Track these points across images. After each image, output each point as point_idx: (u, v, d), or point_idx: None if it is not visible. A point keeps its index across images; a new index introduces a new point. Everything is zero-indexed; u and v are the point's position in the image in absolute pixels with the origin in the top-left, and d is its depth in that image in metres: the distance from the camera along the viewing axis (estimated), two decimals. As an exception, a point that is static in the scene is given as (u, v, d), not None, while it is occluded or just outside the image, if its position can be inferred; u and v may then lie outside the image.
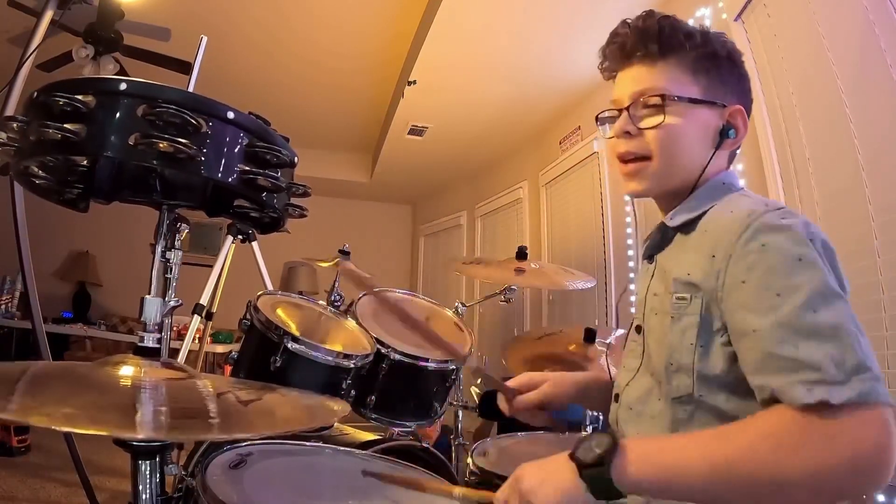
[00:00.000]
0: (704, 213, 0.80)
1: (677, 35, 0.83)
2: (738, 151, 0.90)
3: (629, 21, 0.88)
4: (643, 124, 0.83)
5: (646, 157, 0.84)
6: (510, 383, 0.96)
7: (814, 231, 0.68)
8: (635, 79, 0.85)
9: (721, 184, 0.83)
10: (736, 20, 2.14)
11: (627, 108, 0.84)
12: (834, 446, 0.56)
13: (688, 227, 0.82)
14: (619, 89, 0.88)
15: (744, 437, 0.61)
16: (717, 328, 0.72)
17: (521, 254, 2.25)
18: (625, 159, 0.86)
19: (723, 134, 0.82)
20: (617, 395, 0.88)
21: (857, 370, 0.58)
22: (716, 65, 0.84)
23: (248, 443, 1.07)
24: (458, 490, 0.78)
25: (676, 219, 0.83)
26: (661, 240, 0.87)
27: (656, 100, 0.82)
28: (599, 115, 0.93)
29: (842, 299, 0.64)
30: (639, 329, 0.87)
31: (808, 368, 0.59)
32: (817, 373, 0.58)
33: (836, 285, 0.64)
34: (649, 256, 0.90)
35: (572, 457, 0.66)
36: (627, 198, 3.12)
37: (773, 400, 0.62)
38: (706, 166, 0.82)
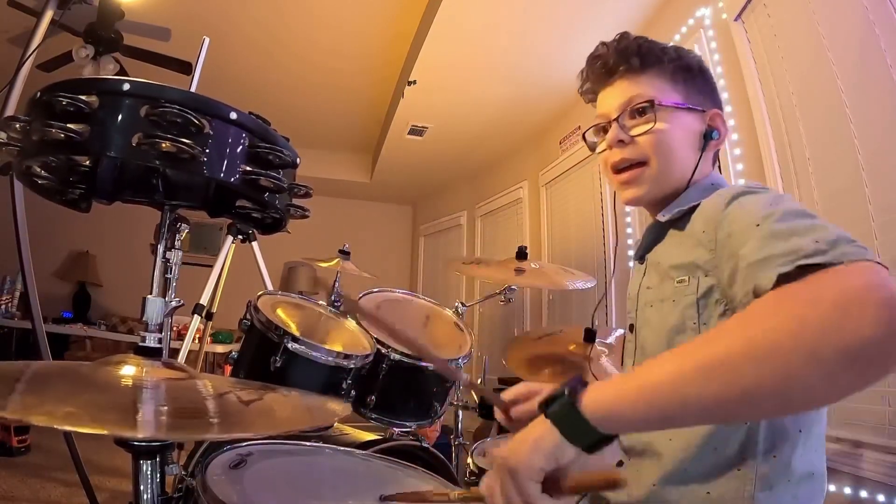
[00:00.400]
0: (696, 207, 0.82)
1: (654, 50, 0.88)
2: (718, 153, 0.95)
3: (606, 42, 0.92)
4: (634, 132, 0.86)
5: (642, 163, 0.87)
6: (506, 395, 0.89)
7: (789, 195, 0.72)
8: (621, 92, 0.89)
9: (710, 184, 0.87)
10: (736, 20, 2.15)
11: (617, 119, 0.88)
12: (816, 295, 0.50)
13: (680, 221, 0.84)
14: (604, 105, 0.91)
15: (713, 331, 0.55)
16: (715, 300, 0.73)
17: (521, 254, 2.25)
18: (620, 168, 0.89)
19: (707, 137, 0.87)
20: None
21: (840, 240, 0.55)
22: (691, 75, 0.89)
23: (249, 443, 1.07)
24: (454, 493, 0.77)
25: (668, 213, 0.85)
26: (653, 239, 0.89)
27: (646, 105, 0.86)
28: (585, 134, 0.97)
29: (819, 217, 0.61)
30: (632, 328, 0.89)
31: (787, 253, 0.56)
32: (798, 251, 0.55)
33: (811, 212, 0.64)
34: (640, 257, 0.93)
35: (540, 404, 0.62)
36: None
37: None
38: (696, 168, 0.86)
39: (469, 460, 1.57)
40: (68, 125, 0.68)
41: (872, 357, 0.45)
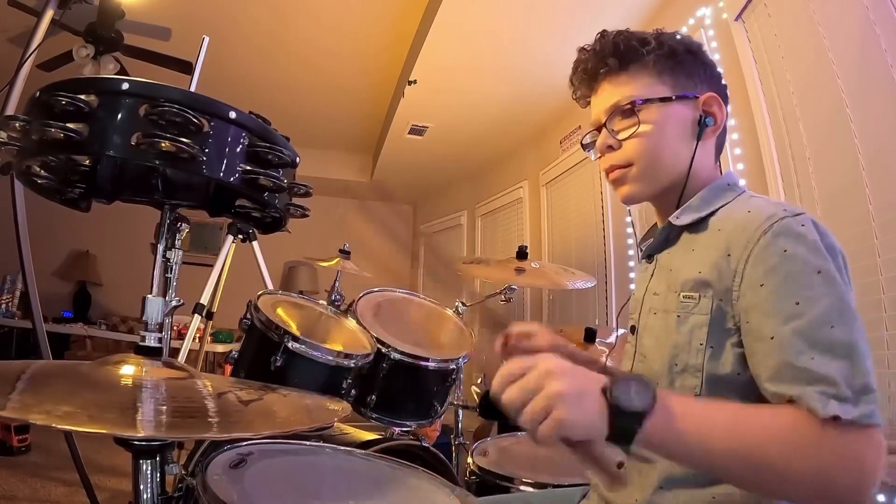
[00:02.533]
0: (714, 212, 0.80)
1: (632, 45, 0.85)
2: (724, 142, 0.90)
3: (586, 46, 0.90)
4: (621, 135, 0.85)
5: (629, 165, 0.86)
6: (517, 327, 0.88)
7: (833, 243, 0.69)
8: (606, 96, 0.88)
9: (726, 185, 0.84)
10: (736, 20, 2.14)
11: (605, 125, 0.87)
12: (843, 459, 0.59)
13: (697, 225, 0.81)
14: (595, 111, 0.91)
15: (767, 425, 0.62)
16: (728, 327, 0.71)
17: (522, 253, 2.25)
18: (611, 171, 0.88)
19: (701, 124, 0.83)
20: None
21: (865, 391, 0.61)
22: (678, 61, 0.85)
23: (249, 442, 1.07)
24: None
25: (684, 217, 0.82)
26: (664, 240, 0.86)
27: (627, 107, 0.84)
28: (583, 142, 0.96)
29: (856, 317, 0.65)
30: (633, 329, 0.87)
31: (823, 382, 0.61)
32: (832, 387, 0.61)
33: (852, 302, 0.66)
34: (649, 256, 0.90)
35: (607, 395, 0.60)
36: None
37: (788, 402, 0.63)
38: (693, 158, 0.83)
39: (469, 460, 1.57)
40: (67, 125, 0.68)
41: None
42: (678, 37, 0.88)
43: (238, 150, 0.77)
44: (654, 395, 0.60)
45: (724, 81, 0.89)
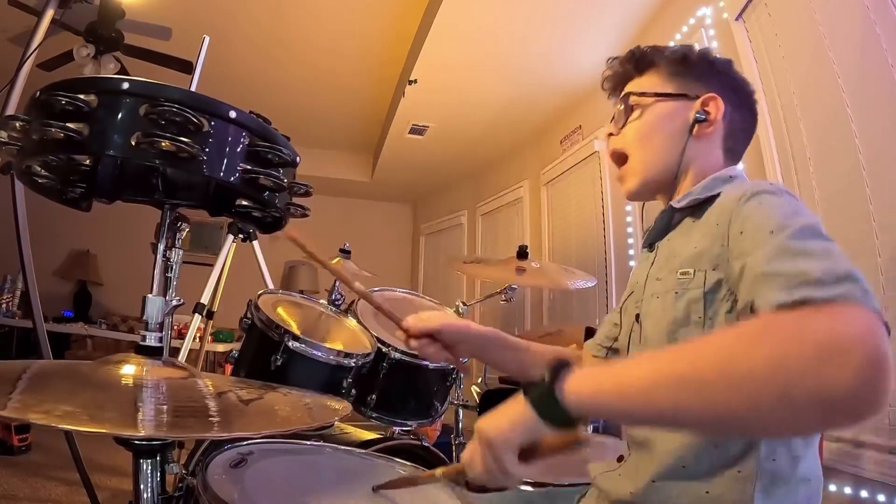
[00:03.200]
0: (713, 198, 0.82)
1: (650, 53, 0.94)
2: (738, 142, 0.93)
3: (614, 58, 0.99)
4: (622, 125, 0.94)
5: (625, 155, 0.94)
6: (419, 323, 1.04)
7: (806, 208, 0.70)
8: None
9: (728, 176, 0.87)
10: (737, 19, 2.14)
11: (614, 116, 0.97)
12: (803, 333, 0.48)
13: (696, 210, 0.84)
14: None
15: (696, 343, 0.55)
16: (722, 296, 0.72)
17: (522, 253, 2.25)
18: (613, 159, 0.97)
19: (695, 122, 0.88)
20: None
21: (847, 277, 0.53)
22: (688, 66, 0.91)
23: (249, 442, 1.07)
24: (438, 471, 0.80)
25: (684, 201, 0.86)
26: (665, 225, 0.89)
27: (626, 98, 0.93)
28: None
29: (834, 243, 0.61)
30: (637, 317, 0.88)
31: (793, 276, 0.55)
32: (803, 277, 0.54)
33: (827, 234, 0.63)
34: (650, 244, 0.93)
35: (522, 386, 0.66)
36: (628, 197, 3.12)
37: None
38: (683, 152, 0.88)
39: (469, 459, 1.57)
40: (67, 124, 0.68)
41: (843, 409, 0.45)
42: (692, 48, 0.94)
43: (238, 149, 0.77)
44: (558, 363, 0.63)
45: (744, 86, 0.93)
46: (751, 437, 0.69)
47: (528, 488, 1.39)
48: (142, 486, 0.76)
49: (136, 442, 0.75)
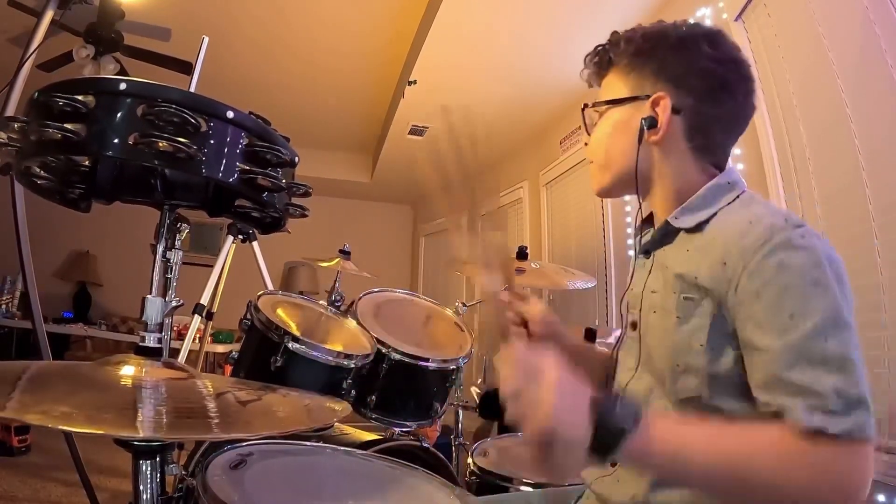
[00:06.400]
0: (713, 215, 0.78)
1: (609, 50, 0.89)
2: (716, 142, 0.85)
3: (589, 53, 0.95)
4: (588, 135, 0.95)
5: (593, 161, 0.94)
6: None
7: (831, 254, 0.68)
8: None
9: (726, 184, 0.81)
10: (736, 20, 2.14)
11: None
12: (827, 474, 0.60)
13: (695, 227, 0.80)
14: None
15: (749, 441, 0.63)
16: (730, 331, 0.71)
17: (522, 254, 2.25)
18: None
19: (642, 128, 0.82)
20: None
21: (857, 404, 0.61)
22: (646, 59, 0.84)
23: (249, 443, 1.07)
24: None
25: (683, 220, 0.81)
26: (661, 237, 0.85)
27: (583, 112, 0.94)
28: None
29: (850, 329, 0.65)
30: (634, 325, 0.87)
31: (812, 395, 0.61)
32: (820, 400, 0.61)
33: (847, 314, 0.65)
34: (646, 251, 0.89)
35: (595, 407, 0.63)
36: (627, 197, 3.12)
37: (775, 415, 0.64)
38: (637, 160, 0.84)
39: (469, 460, 1.57)
40: (65, 125, 0.68)
41: None
42: (662, 27, 0.87)
43: (237, 149, 0.77)
44: (636, 414, 0.63)
45: (719, 67, 0.82)
46: None
47: (528, 489, 1.39)
48: (141, 488, 0.76)
49: (136, 443, 0.75)
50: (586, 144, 0.95)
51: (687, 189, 0.82)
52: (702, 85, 0.81)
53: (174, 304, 0.84)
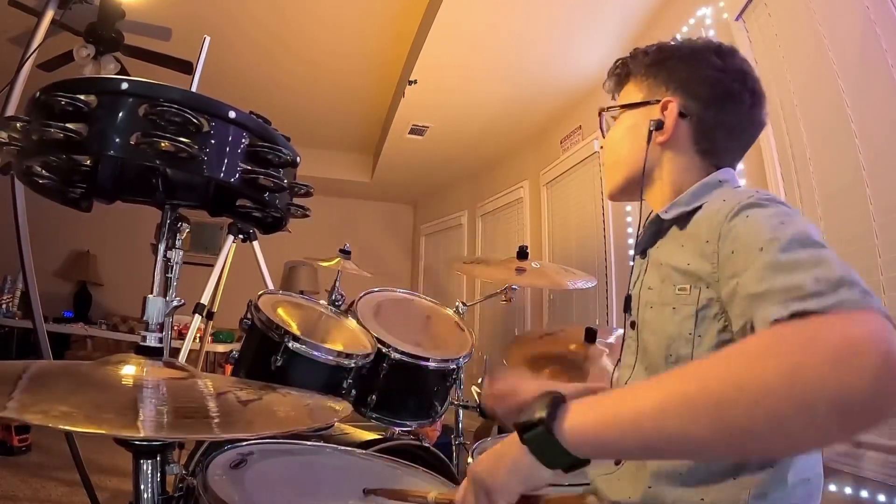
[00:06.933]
0: (699, 207, 0.81)
1: (635, 59, 0.95)
2: (721, 147, 0.88)
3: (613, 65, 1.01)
4: (604, 138, 1.01)
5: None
6: (499, 385, 0.98)
7: (798, 212, 0.68)
8: None
9: (717, 181, 0.85)
10: (737, 20, 2.14)
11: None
12: (814, 342, 0.47)
13: (682, 220, 0.83)
14: None
15: (703, 363, 0.53)
16: (714, 314, 0.71)
17: (522, 253, 2.25)
18: None
19: (650, 129, 0.88)
20: None
21: (841, 282, 0.52)
22: (660, 68, 0.91)
23: (249, 442, 1.07)
24: (431, 495, 0.76)
25: (671, 212, 0.85)
26: (654, 233, 0.89)
27: (600, 117, 1.00)
28: None
29: (825, 247, 0.59)
30: (633, 324, 0.88)
31: (785, 292, 0.54)
32: (796, 291, 0.53)
33: (819, 238, 0.61)
34: (642, 252, 0.92)
35: (517, 426, 0.60)
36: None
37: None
38: (644, 161, 0.89)
39: (469, 460, 1.57)
40: (67, 125, 0.68)
41: (863, 412, 0.44)
42: (678, 42, 0.94)
43: (238, 149, 0.77)
44: (553, 399, 0.59)
45: (726, 78, 0.86)
46: (767, 456, 0.66)
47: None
48: (142, 487, 0.76)
49: (136, 442, 0.75)
50: (602, 148, 1.01)
51: (684, 187, 0.86)
52: (707, 92, 0.87)
53: (175, 303, 0.84)
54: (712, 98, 0.86)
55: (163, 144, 0.69)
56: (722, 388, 0.48)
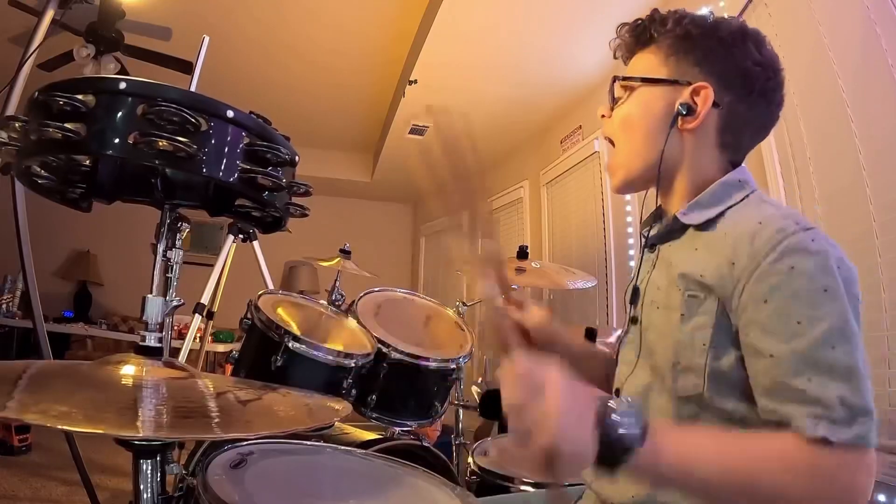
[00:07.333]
0: (723, 213, 0.78)
1: (651, 27, 0.86)
2: (741, 143, 0.85)
3: (624, 24, 0.92)
4: (611, 108, 0.90)
5: (613, 140, 0.89)
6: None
7: (842, 258, 0.67)
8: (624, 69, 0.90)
9: (737, 181, 0.80)
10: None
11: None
12: (830, 483, 0.61)
13: (704, 224, 0.79)
14: None
15: (755, 451, 0.63)
16: (733, 332, 0.70)
17: (522, 253, 2.25)
18: (606, 140, 0.92)
19: (678, 114, 0.80)
20: (618, 390, 0.87)
21: (861, 413, 0.61)
22: (690, 46, 0.82)
23: (249, 442, 1.07)
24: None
25: (692, 216, 0.80)
26: (669, 232, 0.84)
27: (612, 84, 0.88)
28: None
29: (857, 338, 0.64)
30: (634, 320, 0.86)
31: (817, 404, 0.61)
32: (825, 409, 0.61)
33: (854, 322, 0.65)
34: (652, 245, 0.88)
35: (599, 424, 0.60)
36: (628, 196, 3.12)
37: (778, 424, 0.64)
38: (665, 146, 0.81)
39: (470, 460, 1.57)
40: (65, 125, 0.68)
41: None
42: (712, 20, 0.84)
43: (237, 149, 0.77)
44: (644, 428, 0.61)
45: (762, 72, 0.82)
46: None
47: (528, 489, 1.39)
48: (142, 487, 0.76)
49: (136, 442, 0.75)
50: (603, 116, 0.90)
51: (704, 185, 0.81)
52: (743, 85, 0.81)
53: (175, 303, 0.84)
54: (747, 92, 0.81)
55: (161, 144, 0.69)
56: (762, 488, 0.61)
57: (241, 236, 2.52)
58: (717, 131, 0.82)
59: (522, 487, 1.40)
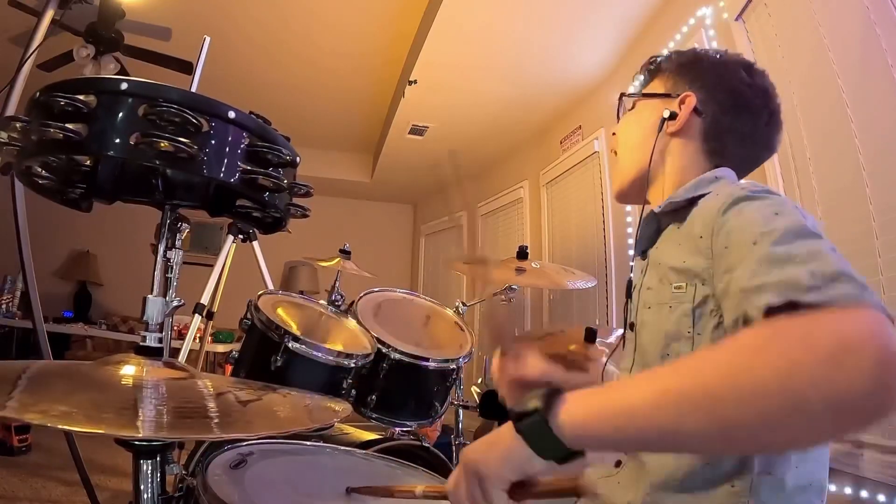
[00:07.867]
0: (694, 201, 0.80)
1: (668, 59, 0.96)
2: (729, 151, 0.89)
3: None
4: (618, 123, 1.02)
5: (616, 152, 1.00)
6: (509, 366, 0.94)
7: (797, 205, 0.67)
8: None
9: (714, 177, 0.85)
10: (737, 20, 2.14)
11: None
12: (810, 339, 0.46)
13: (678, 216, 0.82)
14: None
15: (697, 357, 0.55)
16: (709, 311, 0.71)
17: (522, 253, 2.25)
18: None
19: (664, 118, 0.89)
20: None
21: (838, 276, 0.52)
22: (690, 68, 0.93)
23: (249, 442, 1.07)
24: (418, 489, 0.76)
25: (665, 205, 0.85)
26: (652, 232, 0.88)
27: (619, 100, 1.00)
28: None
29: (821, 238, 0.59)
30: (632, 326, 0.87)
31: (780, 283, 0.54)
32: (791, 284, 0.53)
33: (815, 229, 0.60)
34: (642, 252, 0.91)
35: (512, 415, 0.60)
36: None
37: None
38: (653, 148, 0.90)
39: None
40: (66, 125, 0.68)
41: (859, 411, 0.44)
42: (714, 52, 0.95)
43: (238, 150, 0.77)
44: (550, 390, 0.59)
45: (747, 90, 0.88)
46: (760, 452, 0.65)
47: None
48: (142, 487, 0.76)
49: (136, 443, 0.75)
50: (614, 134, 1.01)
51: (684, 183, 0.86)
52: (728, 99, 0.88)
53: (175, 303, 0.84)
54: (732, 106, 0.88)
55: (162, 144, 0.69)
56: (716, 384, 0.48)
57: (240, 236, 2.52)
58: (702, 137, 0.89)
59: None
